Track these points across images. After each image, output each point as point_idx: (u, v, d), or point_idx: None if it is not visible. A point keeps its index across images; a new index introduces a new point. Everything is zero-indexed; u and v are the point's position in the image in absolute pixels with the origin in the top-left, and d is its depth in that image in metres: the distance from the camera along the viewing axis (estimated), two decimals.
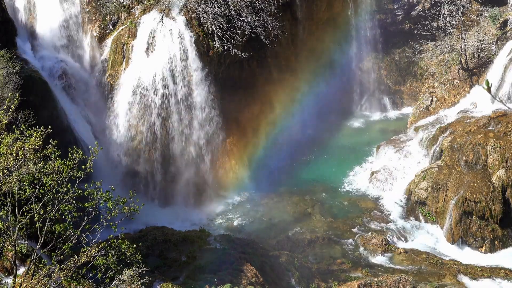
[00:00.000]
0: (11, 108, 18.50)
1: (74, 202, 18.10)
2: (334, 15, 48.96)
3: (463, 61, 47.03)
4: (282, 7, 42.75)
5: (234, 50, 39.92)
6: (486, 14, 47.22)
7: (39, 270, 17.85)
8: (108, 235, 19.79)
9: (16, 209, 17.45)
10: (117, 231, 18.20)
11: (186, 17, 39.74)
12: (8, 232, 17.60)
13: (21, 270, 21.61)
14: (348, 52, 51.27)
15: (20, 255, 22.41)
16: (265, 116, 45.22)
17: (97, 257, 17.81)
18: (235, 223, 40.69)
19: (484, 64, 46.50)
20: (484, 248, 37.82)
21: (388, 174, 43.90)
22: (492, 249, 37.73)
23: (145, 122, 39.99)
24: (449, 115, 45.77)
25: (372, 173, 44.55)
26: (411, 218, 40.71)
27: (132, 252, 18.88)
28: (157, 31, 39.47)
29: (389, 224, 40.22)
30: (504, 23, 46.19)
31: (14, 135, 18.19)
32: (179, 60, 39.47)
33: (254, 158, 44.18)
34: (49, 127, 18.92)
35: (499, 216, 37.42)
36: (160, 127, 40.13)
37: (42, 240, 17.53)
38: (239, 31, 39.82)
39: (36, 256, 18.09)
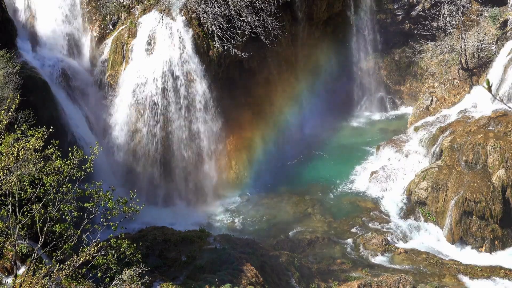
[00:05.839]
0: (12, 108, 18.50)
1: (74, 202, 18.11)
2: (334, 15, 48.93)
3: (463, 61, 47.01)
4: (282, 7, 42.70)
5: (234, 50, 39.91)
6: (486, 14, 47.15)
7: (39, 270, 17.84)
8: (108, 235, 19.79)
9: (17, 209, 17.46)
10: (117, 231, 18.21)
11: (186, 17, 39.72)
12: (9, 232, 17.60)
13: (21, 270, 21.60)
14: (348, 52, 51.22)
15: (20, 255, 22.39)
16: (265, 116, 45.17)
17: (97, 257, 17.82)
18: (235, 223, 40.69)
19: (484, 64, 46.49)
20: (484, 248, 37.83)
21: (388, 174, 43.87)
22: (492, 249, 37.75)
23: (145, 122, 39.99)
24: (449, 115, 45.68)
25: (372, 173, 44.53)
26: (411, 218, 40.68)
27: (132, 252, 18.90)
28: (157, 31, 39.46)
29: (389, 224, 40.21)
30: (504, 23, 46.17)
31: (15, 135, 18.18)
32: (179, 60, 39.44)
33: (254, 158, 44.16)
34: (51, 127, 18.92)
35: (499, 216, 37.42)
36: (160, 127, 40.13)
37: (42, 240, 17.54)
38: (239, 31, 39.80)
39: (36, 256, 18.09)
